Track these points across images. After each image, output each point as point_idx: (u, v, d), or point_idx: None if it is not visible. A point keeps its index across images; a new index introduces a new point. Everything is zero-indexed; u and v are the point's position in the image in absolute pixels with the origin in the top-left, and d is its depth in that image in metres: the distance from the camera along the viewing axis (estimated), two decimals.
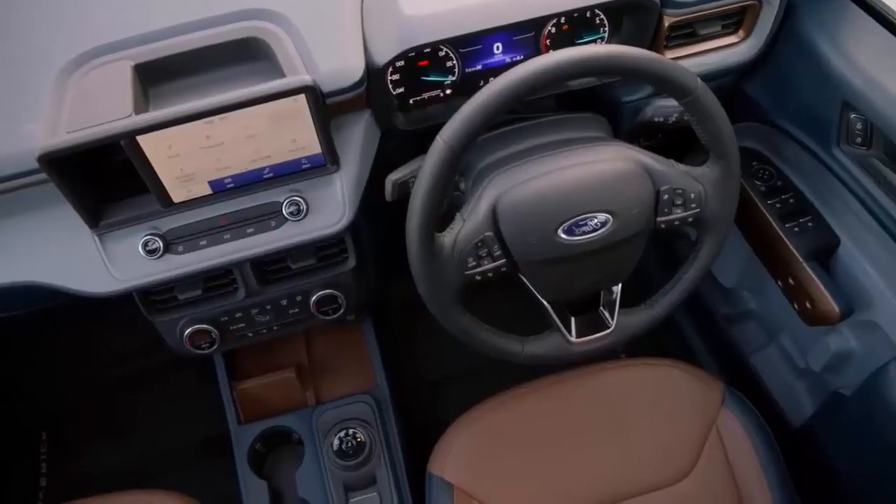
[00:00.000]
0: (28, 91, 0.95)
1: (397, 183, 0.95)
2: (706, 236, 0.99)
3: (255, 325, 1.11)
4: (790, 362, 1.37)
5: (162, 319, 1.07)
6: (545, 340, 0.99)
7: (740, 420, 1.16)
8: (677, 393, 1.19)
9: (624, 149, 0.94)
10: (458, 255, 0.89)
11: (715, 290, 1.50)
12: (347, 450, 1.18)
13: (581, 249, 0.90)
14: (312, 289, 1.08)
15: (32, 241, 0.99)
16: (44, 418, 1.77)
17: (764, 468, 1.13)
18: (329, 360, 1.38)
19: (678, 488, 1.13)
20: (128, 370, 1.77)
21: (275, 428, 1.28)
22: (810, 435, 1.31)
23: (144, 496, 1.17)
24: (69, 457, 1.71)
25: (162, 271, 0.98)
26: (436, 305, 0.92)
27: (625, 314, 1.01)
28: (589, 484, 1.13)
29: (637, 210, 0.91)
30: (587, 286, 0.97)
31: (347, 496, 1.19)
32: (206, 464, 1.49)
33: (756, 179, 1.22)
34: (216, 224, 0.98)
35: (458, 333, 0.95)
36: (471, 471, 1.13)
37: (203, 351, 1.10)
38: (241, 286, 1.05)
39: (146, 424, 1.72)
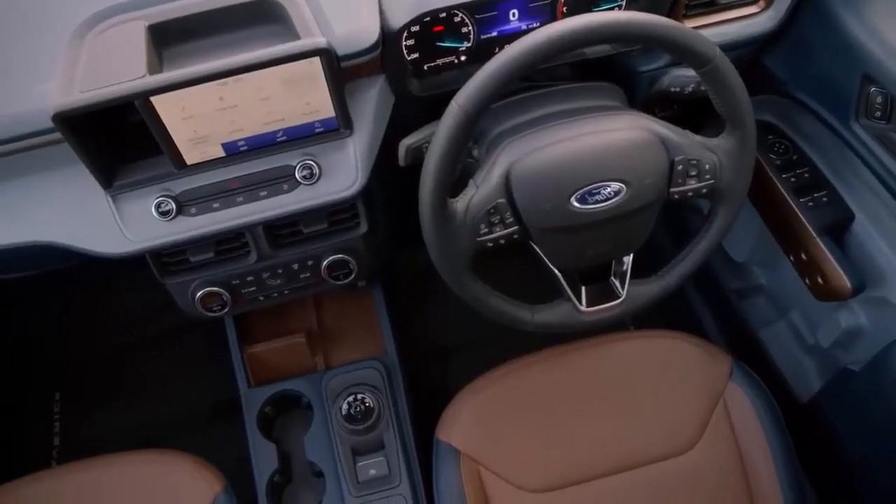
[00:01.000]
0: (42, 51, 0.95)
1: (411, 148, 0.95)
2: (720, 208, 0.99)
3: (267, 289, 1.12)
4: (799, 338, 1.37)
5: (174, 282, 1.08)
6: (555, 309, 0.99)
7: (747, 394, 1.16)
8: (685, 365, 1.19)
9: (639, 118, 0.93)
10: (471, 221, 0.89)
11: (726, 264, 1.50)
12: (356, 414, 1.19)
13: (593, 218, 0.90)
14: (324, 253, 1.09)
15: (46, 201, 1.00)
16: (57, 379, 1.79)
17: (769, 442, 1.13)
18: (339, 325, 1.39)
19: (683, 460, 1.14)
20: (139, 333, 1.79)
21: (284, 392, 1.29)
22: (817, 410, 1.31)
23: (155, 456, 1.19)
24: (82, 417, 1.74)
25: (174, 233, 0.98)
26: (447, 271, 0.92)
27: (635, 284, 1.01)
28: (594, 453, 1.14)
29: (651, 180, 0.91)
30: (599, 255, 0.97)
31: (355, 460, 1.20)
32: (217, 426, 1.51)
33: (771, 153, 1.20)
34: (229, 187, 0.98)
35: (469, 300, 0.95)
36: (478, 438, 1.14)
37: (214, 314, 1.11)
38: (253, 250, 1.05)
39: (157, 387, 1.74)
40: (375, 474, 1.19)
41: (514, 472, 1.12)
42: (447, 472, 1.12)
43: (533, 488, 1.11)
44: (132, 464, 1.18)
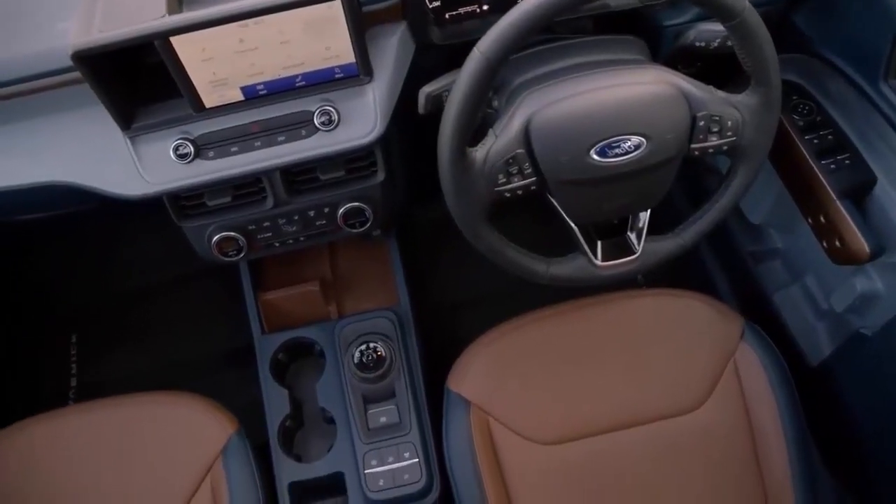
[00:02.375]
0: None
1: (431, 95, 0.94)
2: (740, 166, 0.98)
3: (282, 235, 1.12)
4: (813, 302, 1.37)
5: (191, 225, 1.09)
6: (570, 262, 0.99)
7: (758, 355, 1.17)
8: (697, 324, 1.19)
9: (662, 72, 0.92)
10: (489, 170, 0.89)
11: (742, 226, 1.49)
12: (368, 362, 1.20)
13: (612, 172, 0.89)
14: (340, 201, 1.09)
15: (65, 141, 1.01)
16: (73, 321, 1.82)
17: (778, 404, 1.14)
18: (353, 275, 1.40)
19: (691, 418, 1.15)
20: (154, 278, 1.81)
21: (297, 339, 1.31)
22: (827, 374, 1.31)
23: (171, 397, 1.22)
24: (98, 359, 1.77)
25: (192, 176, 0.99)
26: (463, 220, 0.92)
27: (651, 241, 1.01)
28: (603, 408, 1.15)
29: (672, 135, 0.90)
30: (616, 210, 0.97)
31: (366, 407, 1.22)
32: (230, 372, 1.53)
33: (794, 114, 1.19)
34: (247, 131, 0.98)
35: (484, 250, 0.96)
36: (488, 389, 1.15)
37: (230, 258, 1.12)
38: (270, 195, 1.05)
39: (172, 331, 1.77)
40: (386, 422, 1.20)
41: (523, 424, 1.13)
42: (457, 422, 1.13)
43: (541, 440, 1.13)
44: (148, 404, 1.21)
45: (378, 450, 1.19)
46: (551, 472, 1.12)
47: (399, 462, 1.17)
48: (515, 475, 1.12)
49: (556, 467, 1.12)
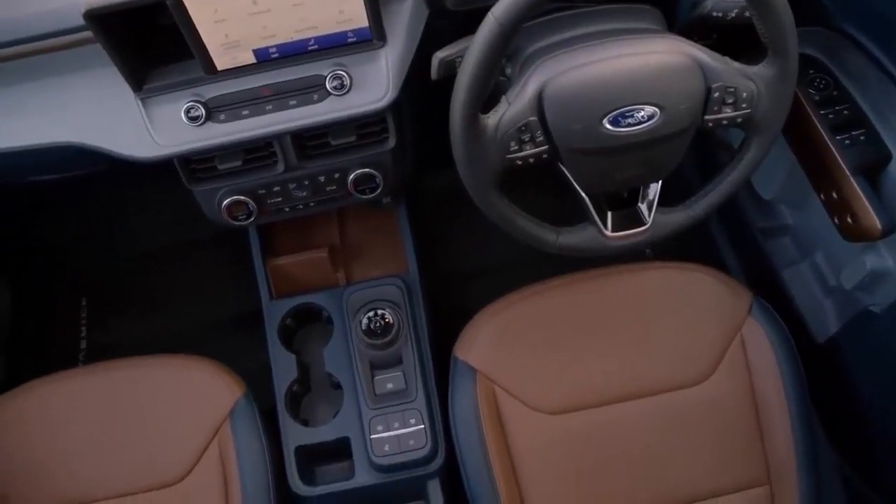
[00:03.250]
0: None
1: (444, 61, 0.93)
2: (753, 139, 0.97)
3: (293, 200, 1.12)
4: (821, 279, 1.37)
5: (201, 189, 1.09)
6: (580, 232, 0.99)
7: (765, 330, 1.17)
8: (705, 297, 1.19)
9: (678, 42, 0.91)
10: (501, 137, 0.88)
11: (753, 201, 1.48)
12: (376, 329, 1.21)
13: (625, 141, 0.89)
14: (351, 167, 1.09)
15: (76, 102, 1.01)
16: (83, 285, 1.83)
17: (784, 380, 1.14)
18: (362, 242, 1.40)
19: (696, 391, 1.15)
20: (163, 243, 1.82)
21: (306, 305, 1.31)
22: (834, 350, 1.31)
23: (180, 360, 1.23)
24: (107, 323, 1.78)
25: (203, 139, 0.99)
26: (474, 187, 0.92)
27: (662, 213, 1.00)
28: (608, 379, 1.15)
29: (686, 106, 0.89)
30: (627, 180, 0.97)
31: (373, 373, 1.23)
32: (238, 336, 1.54)
33: (811, 88, 1.17)
34: (259, 94, 0.98)
35: (495, 217, 0.96)
36: (494, 358, 1.16)
37: (240, 222, 1.12)
38: (281, 160, 1.05)
39: (181, 296, 1.78)
40: (392, 388, 1.21)
41: (529, 393, 1.14)
42: (463, 389, 1.14)
43: (546, 410, 1.14)
44: (157, 366, 1.22)
45: (384, 415, 1.20)
46: (556, 442, 1.13)
47: (405, 428, 1.18)
48: (520, 444, 1.13)
49: (561, 437, 1.13)
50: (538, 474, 1.12)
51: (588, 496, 1.12)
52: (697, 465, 1.13)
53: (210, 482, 1.15)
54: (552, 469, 1.12)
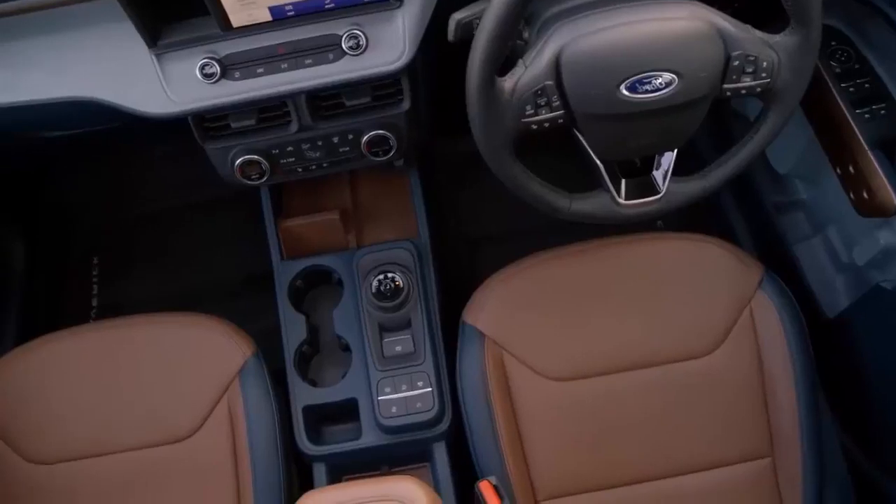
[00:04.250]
0: None
1: (462, 22, 0.92)
2: (771, 110, 0.96)
3: (306, 161, 1.12)
4: (833, 255, 1.36)
5: (214, 147, 1.09)
6: (593, 199, 0.99)
7: (775, 304, 1.16)
8: (715, 269, 1.19)
9: (698, 8, 0.90)
10: (517, 100, 0.88)
11: (767, 175, 1.47)
12: (385, 292, 1.21)
13: (641, 108, 0.88)
14: (365, 128, 1.08)
15: (91, 57, 1.00)
16: (95, 243, 1.84)
17: (792, 354, 1.14)
18: (373, 206, 1.40)
19: (703, 362, 1.16)
20: (176, 203, 1.82)
21: (316, 266, 1.32)
22: (843, 326, 1.31)
23: (191, 318, 1.24)
24: (118, 282, 1.80)
25: (217, 96, 0.98)
26: (488, 150, 0.92)
27: (676, 182, 1.00)
28: (616, 348, 1.16)
29: (704, 74, 0.88)
30: (642, 148, 0.96)
31: (381, 336, 1.23)
32: (248, 297, 1.54)
33: (832, 60, 1.16)
34: (274, 52, 0.97)
35: (508, 181, 0.95)
36: (503, 323, 1.16)
37: (253, 182, 1.12)
38: (295, 119, 1.05)
39: (192, 256, 1.78)
40: (401, 351, 1.22)
41: (536, 359, 1.15)
42: (471, 354, 1.15)
43: (553, 376, 1.14)
44: (168, 324, 1.23)
45: (392, 378, 1.20)
46: (561, 408, 1.14)
47: (412, 391, 1.19)
48: (526, 409, 1.14)
49: (567, 403, 1.14)
50: (543, 440, 1.13)
51: (592, 463, 1.13)
52: (702, 435, 1.14)
53: (218, 439, 1.16)
54: (557, 435, 1.13)
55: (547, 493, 1.12)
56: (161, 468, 1.16)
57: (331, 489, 0.97)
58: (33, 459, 1.16)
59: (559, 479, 1.13)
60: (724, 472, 1.13)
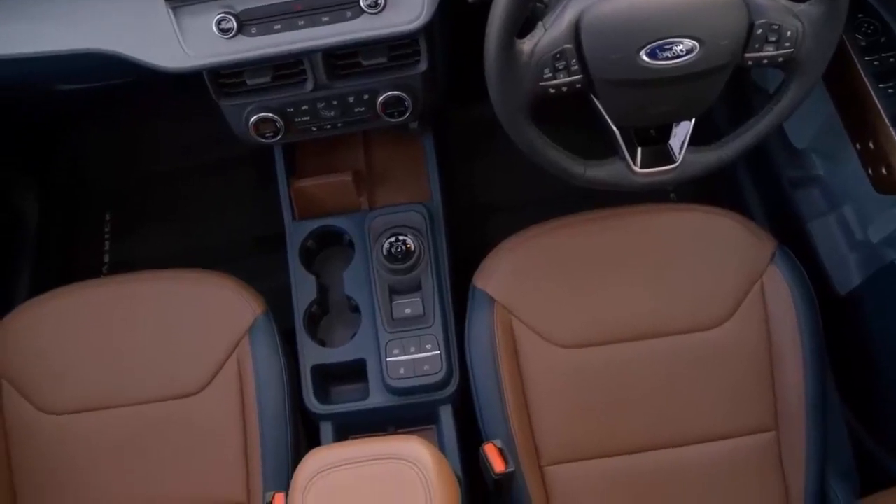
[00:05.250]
0: None
1: None
2: (793, 81, 0.95)
3: (320, 120, 1.12)
4: (848, 232, 1.35)
5: (229, 104, 1.09)
6: (608, 166, 0.98)
7: (786, 279, 1.16)
8: (727, 242, 1.18)
9: None
10: (535, 63, 0.87)
11: (784, 149, 1.45)
12: (396, 254, 1.21)
13: (661, 75, 0.87)
14: (381, 88, 1.08)
15: (106, 9, 1.00)
16: (108, 200, 1.85)
17: (801, 330, 1.14)
18: (386, 168, 1.39)
19: (711, 335, 1.15)
20: (189, 162, 1.82)
21: (328, 227, 1.32)
22: (854, 303, 1.30)
23: (201, 275, 1.24)
24: (130, 239, 1.81)
25: (234, 52, 0.98)
26: (505, 112, 0.91)
27: (692, 152, 0.99)
28: (626, 317, 1.16)
29: (726, 42, 0.87)
30: (660, 115, 0.95)
31: (391, 298, 1.24)
32: (260, 258, 1.55)
33: (857, 33, 1.14)
34: (291, 9, 0.96)
35: (524, 145, 0.95)
36: (513, 289, 1.16)
37: (267, 140, 1.12)
38: (310, 78, 1.05)
39: (204, 215, 1.79)
40: (410, 313, 1.22)
41: (545, 326, 1.15)
42: (480, 318, 1.15)
43: (561, 343, 1.15)
44: (180, 280, 1.24)
45: (401, 340, 1.21)
46: (568, 375, 1.14)
47: (420, 353, 1.19)
48: (533, 374, 1.14)
49: (574, 371, 1.14)
50: (549, 406, 1.14)
51: (596, 430, 1.14)
52: (707, 407, 1.15)
53: (227, 395, 1.17)
54: (562, 402, 1.14)
55: (550, 458, 1.13)
56: (170, 423, 1.17)
57: (337, 446, 0.99)
58: (45, 409, 1.18)
59: (563, 445, 1.14)
60: (727, 444, 1.14)
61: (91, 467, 1.17)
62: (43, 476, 1.17)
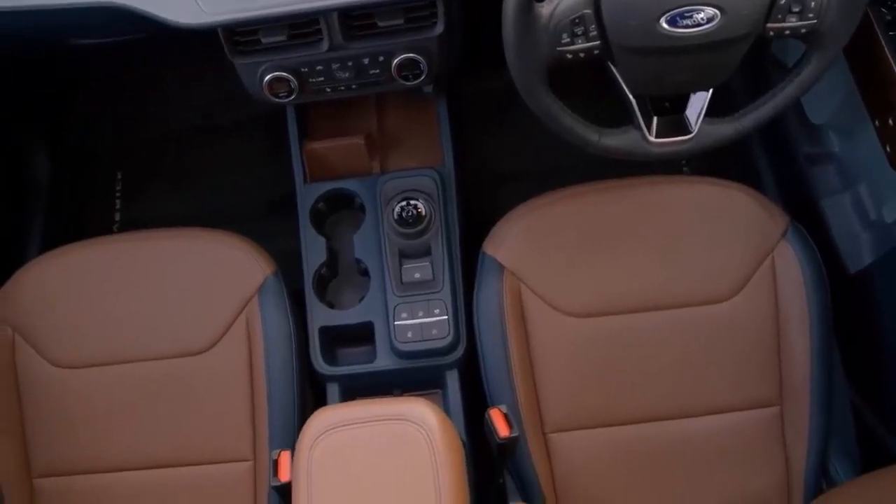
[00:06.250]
0: None
1: None
2: (814, 54, 0.93)
3: (335, 81, 1.12)
4: (862, 211, 1.34)
5: (244, 62, 1.08)
6: (623, 135, 0.97)
7: (797, 256, 1.15)
8: (739, 216, 1.18)
9: None
10: (554, 27, 0.86)
11: (801, 125, 1.44)
12: (407, 218, 1.21)
13: (680, 43, 0.86)
14: (396, 51, 1.07)
15: None
16: (120, 158, 1.85)
17: (810, 307, 1.13)
18: (399, 132, 1.39)
19: (718, 308, 1.15)
20: (203, 123, 1.82)
21: (339, 190, 1.32)
22: (864, 282, 1.30)
23: (211, 234, 1.25)
24: (141, 198, 1.81)
25: (250, 9, 0.98)
26: (522, 77, 0.90)
27: (708, 123, 0.98)
28: (634, 288, 1.16)
29: (748, 11, 0.86)
30: (678, 84, 0.94)
31: (401, 262, 1.24)
32: (270, 220, 1.54)
33: (883, 7, 1.12)
34: None
35: (539, 111, 0.94)
36: (523, 256, 1.16)
37: (280, 99, 1.12)
38: (326, 37, 1.04)
39: (215, 176, 1.79)
40: (419, 278, 1.22)
41: (553, 294, 1.15)
42: (489, 284, 1.15)
43: (569, 312, 1.15)
44: (190, 238, 1.24)
45: (409, 304, 1.21)
46: (575, 344, 1.15)
47: (429, 317, 1.20)
48: (540, 342, 1.15)
49: (581, 340, 1.15)
50: (555, 373, 1.15)
51: (601, 399, 1.15)
52: (712, 380, 1.15)
53: (235, 354, 1.18)
54: (568, 370, 1.15)
55: (554, 425, 1.14)
56: (178, 380, 1.18)
57: (343, 406, 0.99)
58: (56, 363, 1.19)
59: (567, 413, 1.14)
60: (731, 417, 1.14)
61: (100, 421, 1.18)
62: (53, 428, 1.19)
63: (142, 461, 1.17)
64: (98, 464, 1.18)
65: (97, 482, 1.18)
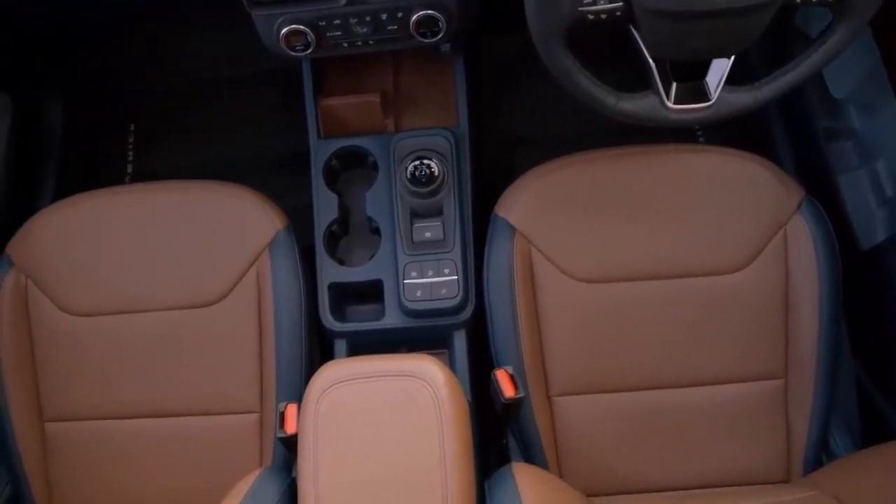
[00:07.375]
0: None
1: None
2: (840, 24, 0.91)
3: (352, 36, 1.11)
4: (878, 188, 1.33)
5: (261, 13, 1.07)
6: (641, 100, 0.96)
7: (811, 231, 1.15)
8: (754, 187, 1.17)
9: None
10: None
11: (821, 98, 1.42)
12: (420, 177, 1.20)
13: (704, 7, 0.84)
14: (415, 7, 1.06)
15: None
16: (133, 111, 1.85)
17: (820, 281, 1.13)
18: (415, 91, 1.38)
19: (730, 279, 1.15)
20: (217, 77, 1.81)
21: (352, 147, 1.31)
22: (877, 258, 1.29)
23: (225, 187, 1.25)
24: (154, 150, 1.81)
25: None
26: (541, 36, 0.89)
27: (728, 91, 0.97)
28: (645, 255, 1.16)
29: None
30: (699, 50, 0.92)
31: (412, 221, 1.23)
32: (283, 175, 1.54)
33: None
34: None
35: (557, 72, 0.93)
36: (534, 219, 1.16)
37: (297, 53, 1.11)
38: None
39: (229, 130, 1.79)
40: (430, 237, 1.22)
41: (563, 258, 1.15)
42: (500, 245, 1.15)
43: (578, 276, 1.15)
44: (203, 190, 1.25)
45: (419, 263, 1.21)
46: (583, 309, 1.15)
47: (438, 277, 1.20)
48: (548, 305, 1.15)
49: (589, 305, 1.15)
50: (561, 337, 1.15)
51: (606, 365, 1.15)
52: (718, 350, 1.15)
53: (245, 307, 1.19)
54: (576, 334, 1.15)
55: (559, 389, 1.15)
56: (188, 331, 1.19)
57: (350, 361, 1.00)
58: (68, 310, 1.21)
59: (573, 378, 1.15)
60: (735, 388, 1.15)
61: (110, 369, 1.20)
62: (64, 374, 1.21)
63: (150, 409, 1.19)
64: (107, 410, 1.20)
65: (106, 428, 1.20)
